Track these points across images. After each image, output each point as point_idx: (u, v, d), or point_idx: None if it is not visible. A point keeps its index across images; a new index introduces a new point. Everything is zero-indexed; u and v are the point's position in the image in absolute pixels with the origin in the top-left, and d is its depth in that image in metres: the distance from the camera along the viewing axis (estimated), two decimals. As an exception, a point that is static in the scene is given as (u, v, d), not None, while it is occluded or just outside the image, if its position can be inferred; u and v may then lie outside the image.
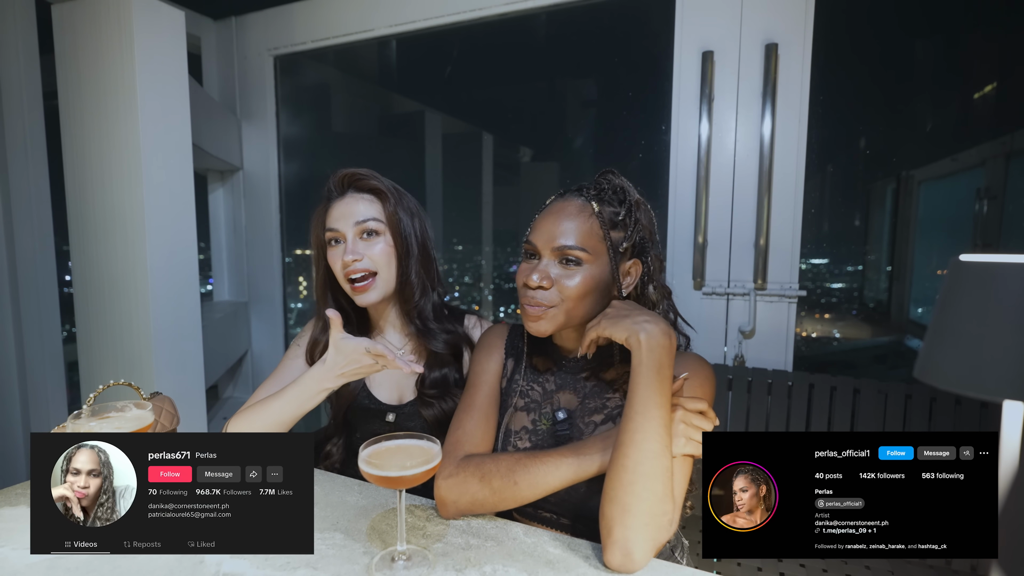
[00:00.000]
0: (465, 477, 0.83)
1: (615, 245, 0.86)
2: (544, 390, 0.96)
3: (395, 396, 1.13)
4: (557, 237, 0.84)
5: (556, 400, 0.94)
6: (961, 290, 0.77)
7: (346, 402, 1.13)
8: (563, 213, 0.86)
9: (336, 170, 1.10)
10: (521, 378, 0.98)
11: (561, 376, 0.95)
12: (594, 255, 0.84)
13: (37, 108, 1.70)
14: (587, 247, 0.84)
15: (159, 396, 1.07)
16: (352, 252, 1.03)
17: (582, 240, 0.84)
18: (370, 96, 2.90)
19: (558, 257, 0.85)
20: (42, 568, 0.69)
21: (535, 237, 0.87)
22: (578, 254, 0.83)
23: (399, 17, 2.14)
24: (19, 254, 1.68)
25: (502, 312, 2.78)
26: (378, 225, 1.06)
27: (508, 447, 0.93)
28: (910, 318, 1.96)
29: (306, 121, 2.61)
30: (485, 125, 2.69)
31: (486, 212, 2.63)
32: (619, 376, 0.92)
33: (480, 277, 2.70)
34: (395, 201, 1.08)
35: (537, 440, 0.92)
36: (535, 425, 0.93)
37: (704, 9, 1.73)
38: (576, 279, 0.84)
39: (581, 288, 0.83)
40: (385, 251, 1.06)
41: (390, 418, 1.11)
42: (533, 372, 0.98)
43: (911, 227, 1.91)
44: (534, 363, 0.99)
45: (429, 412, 1.09)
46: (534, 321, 0.86)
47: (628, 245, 0.88)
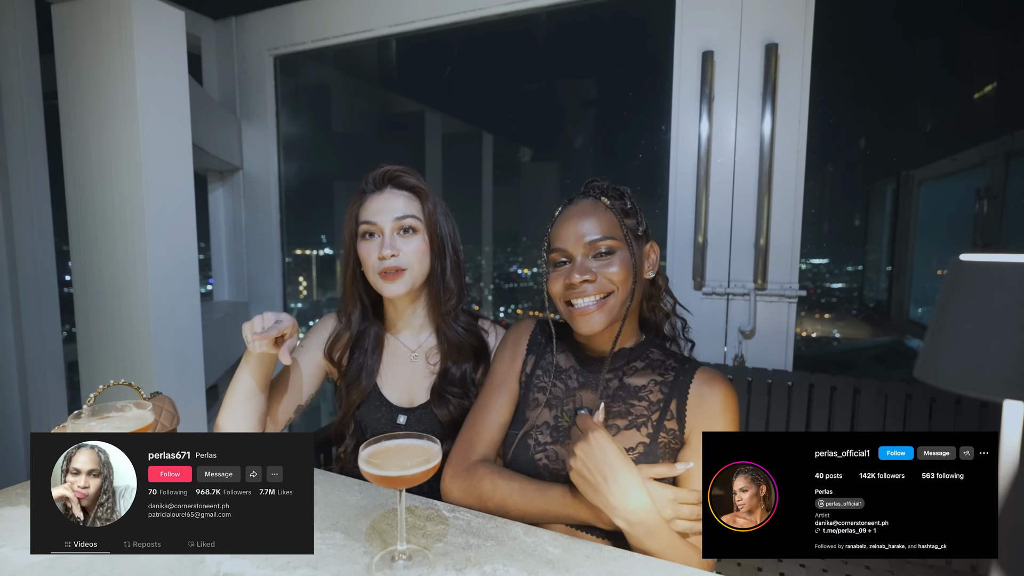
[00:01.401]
0: (468, 487, 0.91)
1: (632, 231, 0.93)
2: (567, 387, 0.98)
3: (406, 398, 1.13)
4: (585, 234, 0.90)
5: (578, 398, 0.96)
6: (961, 290, 0.77)
7: (356, 402, 1.12)
8: (581, 214, 0.92)
9: (375, 165, 1.09)
10: (544, 373, 1.00)
11: (584, 374, 0.97)
12: (621, 242, 0.90)
13: (37, 108, 1.70)
14: (614, 235, 0.90)
15: (159, 396, 1.07)
16: (390, 247, 1.04)
17: (608, 230, 0.90)
18: (370, 96, 2.90)
19: (592, 252, 0.90)
20: (42, 568, 0.69)
21: (562, 243, 0.91)
22: (610, 243, 0.89)
23: (399, 17, 2.14)
24: (19, 254, 1.68)
25: (502, 312, 2.78)
26: (416, 223, 1.07)
27: (529, 440, 0.95)
28: (910, 318, 1.96)
29: (306, 121, 2.61)
30: (485, 125, 2.69)
31: (486, 212, 2.63)
32: (646, 384, 0.93)
33: (480, 277, 2.70)
34: (434, 201, 1.09)
35: (558, 436, 0.94)
36: (556, 421, 0.95)
37: (704, 9, 1.73)
38: (616, 266, 0.88)
39: (623, 272, 0.88)
40: (420, 248, 1.07)
41: (401, 420, 1.10)
42: (556, 368, 1.00)
43: (911, 227, 1.91)
44: (558, 359, 1.01)
45: (443, 412, 1.09)
46: (589, 318, 0.88)
47: (643, 230, 0.95)
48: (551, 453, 0.93)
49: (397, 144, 2.92)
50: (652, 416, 0.90)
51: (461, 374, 1.11)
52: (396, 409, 1.11)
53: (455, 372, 1.11)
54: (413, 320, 1.15)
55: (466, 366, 1.12)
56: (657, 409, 0.90)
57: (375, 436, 0.69)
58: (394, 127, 2.94)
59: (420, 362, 1.14)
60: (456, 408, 1.09)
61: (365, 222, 1.06)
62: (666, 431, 0.89)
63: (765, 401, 1.57)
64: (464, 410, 1.09)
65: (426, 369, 1.14)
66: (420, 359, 1.15)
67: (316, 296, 2.89)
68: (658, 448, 0.89)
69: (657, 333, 1.03)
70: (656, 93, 1.88)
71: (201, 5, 2.31)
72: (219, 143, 2.21)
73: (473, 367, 1.13)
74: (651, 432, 0.89)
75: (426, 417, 1.10)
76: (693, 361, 0.96)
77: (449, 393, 1.09)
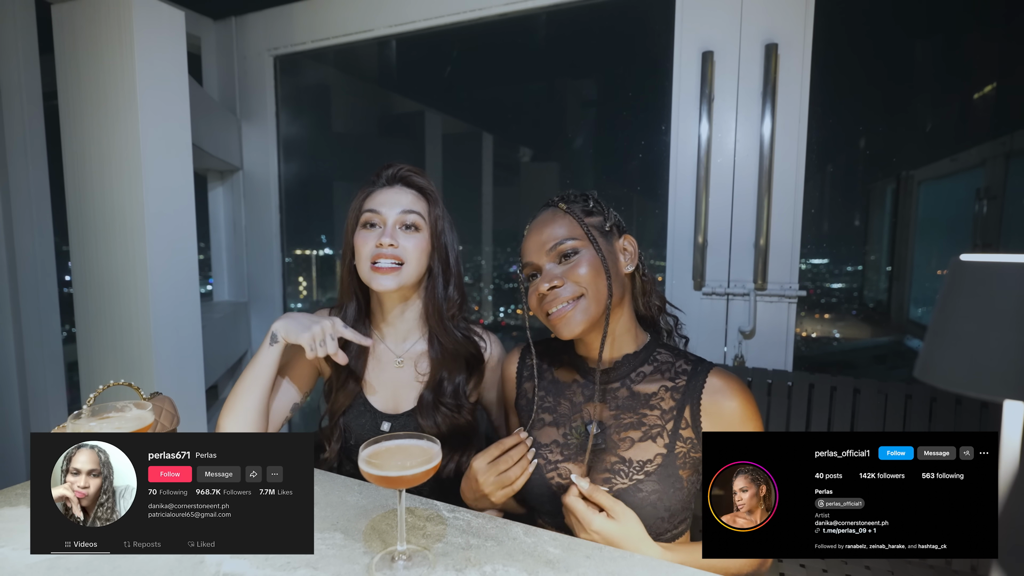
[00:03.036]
0: None
1: (599, 228, 0.92)
2: (572, 403, 0.95)
3: (391, 405, 1.11)
4: (546, 242, 0.90)
5: (586, 413, 0.93)
6: (961, 290, 0.77)
7: (341, 407, 1.11)
8: (541, 224, 0.92)
9: (388, 163, 1.10)
10: (548, 394, 0.98)
11: (588, 387, 0.95)
12: (584, 240, 0.89)
13: (37, 108, 1.70)
14: (574, 235, 0.89)
15: (159, 396, 1.07)
16: (391, 236, 1.02)
17: (568, 232, 0.89)
18: (370, 96, 2.89)
19: (556, 258, 0.89)
20: (42, 568, 0.69)
21: (528, 256, 0.92)
22: (571, 244, 0.89)
23: (399, 17, 2.14)
24: (19, 254, 1.68)
25: (502, 312, 2.78)
26: (419, 221, 1.06)
27: (540, 460, 0.93)
28: (910, 318, 1.96)
29: (306, 121, 2.61)
30: (485, 125, 2.69)
31: (486, 212, 2.63)
32: (657, 391, 0.90)
33: (480, 277, 2.70)
34: (441, 207, 1.09)
35: (569, 454, 0.92)
36: (566, 439, 0.93)
37: (704, 9, 1.73)
38: (583, 266, 0.87)
39: (590, 271, 0.87)
40: (420, 246, 1.06)
41: (385, 427, 1.09)
42: (556, 385, 0.98)
43: (911, 227, 1.91)
44: (556, 376, 0.99)
45: (428, 424, 1.07)
46: (565, 320, 0.88)
47: (611, 224, 0.93)
48: (563, 471, 0.92)
49: (397, 144, 2.92)
50: (667, 425, 0.87)
51: (454, 388, 1.09)
52: (380, 415, 1.10)
53: (448, 385, 1.09)
54: (399, 323, 1.13)
55: (459, 378, 1.10)
56: (671, 417, 0.87)
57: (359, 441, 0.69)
58: (394, 127, 2.94)
59: (408, 369, 1.13)
60: (445, 421, 1.07)
61: (369, 210, 1.05)
62: (683, 440, 0.86)
63: (765, 401, 1.57)
64: (455, 424, 1.08)
65: (413, 376, 1.12)
66: (407, 365, 1.13)
67: (316, 296, 2.89)
68: (676, 459, 0.86)
69: (652, 324, 1.01)
70: (656, 93, 1.88)
71: (201, 5, 2.31)
72: (219, 143, 2.21)
73: (466, 379, 1.12)
74: (667, 443, 0.87)
75: (410, 424, 1.08)
76: (705, 362, 0.91)
77: (444, 405, 1.08)
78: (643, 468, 0.86)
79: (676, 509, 0.86)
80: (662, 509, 0.85)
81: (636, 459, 0.87)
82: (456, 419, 1.09)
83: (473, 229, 2.62)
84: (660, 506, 0.85)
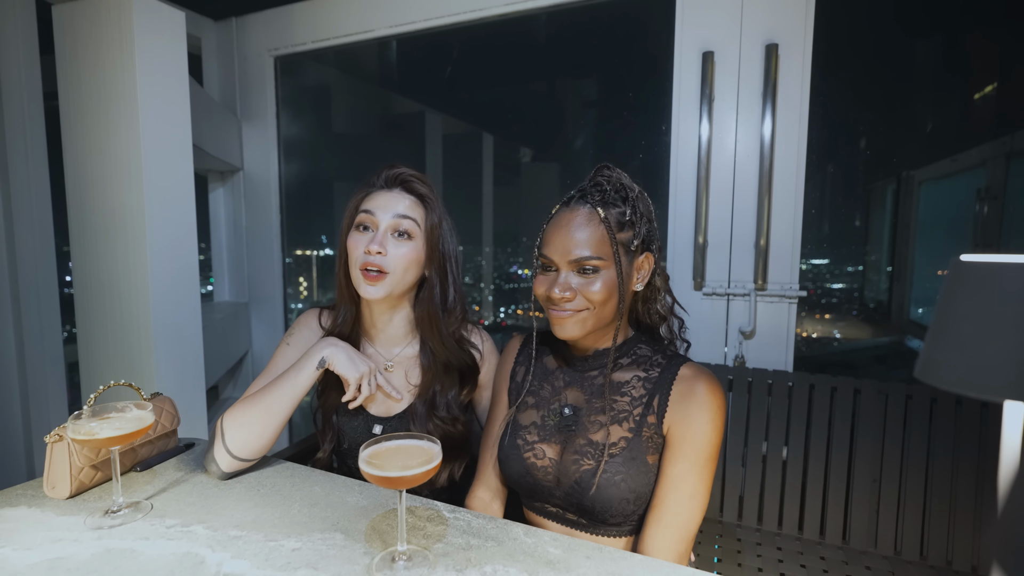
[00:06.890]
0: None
1: (626, 245, 0.90)
2: (553, 387, 0.99)
3: (383, 408, 1.11)
4: (572, 250, 0.87)
5: (564, 397, 0.98)
6: (961, 290, 0.77)
7: (333, 405, 1.11)
8: (573, 224, 0.89)
9: (392, 164, 1.06)
10: (535, 378, 1.02)
11: (570, 373, 0.99)
12: (609, 260, 0.88)
13: (37, 108, 1.70)
14: (602, 254, 0.87)
15: (159, 397, 1.07)
16: (379, 244, 0.99)
17: (596, 249, 0.87)
18: (370, 97, 2.89)
19: (576, 268, 0.88)
20: (42, 568, 0.69)
21: (550, 251, 0.90)
22: (595, 263, 0.87)
23: (399, 18, 2.14)
24: (19, 254, 1.68)
25: (502, 312, 2.77)
26: (413, 228, 1.03)
27: (517, 439, 0.98)
28: (910, 318, 1.95)
29: (306, 122, 2.61)
30: (485, 125, 2.69)
31: (486, 212, 2.63)
32: (630, 379, 0.93)
33: (480, 277, 2.70)
34: (440, 215, 1.06)
35: (544, 435, 0.96)
36: (543, 420, 0.97)
37: (704, 9, 1.72)
38: (597, 285, 0.87)
39: (604, 292, 0.87)
40: (409, 256, 1.02)
41: (377, 430, 1.09)
42: (543, 370, 1.02)
43: (911, 227, 1.90)
44: (545, 362, 1.03)
45: (419, 431, 1.07)
46: (563, 325, 0.90)
47: (638, 243, 0.91)
48: (539, 452, 0.95)
49: (397, 144, 2.92)
50: (634, 411, 0.90)
51: (446, 402, 1.09)
52: (372, 418, 1.10)
53: (441, 399, 1.08)
54: (388, 329, 1.11)
55: (452, 392, 1.10)
56: (640, 404, 0.91)
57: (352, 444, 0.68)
58: (394, 127, 2.94)
59: (398, 374, 1.12)
60: (438, 431, 1.07)
61: (364, 211, 1.03)
62: (648, 426, 0.89)
63: (765, 402, 1.57)
64: (448, 434, 1.08)
65: (404, 382, 1.12)
66: (397, 370, 1.12)
67: (316, 297, 2.89)
68: (642, 442, 0.89)
69: (649, 331, 1.02)
70: (656, 93, 1.88)
71: (201, 6, 2.31)
72: (219, 143, 2.21)
73: (459, 390, 1.11)
74: (633, 427, 0.90)
75: (401, 428, 1.08)
76: (680, 357, 0.94)
77: (438, 418, 1.08)
78: (610, 450, 0.89)
79: (642, 492, 0.88)
80: (627, 491, 0.87)
81: (603, 442, 0.90)
82: (450, 430, 1.09)
83: (473, 229, 2.62)
84: (625, 487, 0.87)
